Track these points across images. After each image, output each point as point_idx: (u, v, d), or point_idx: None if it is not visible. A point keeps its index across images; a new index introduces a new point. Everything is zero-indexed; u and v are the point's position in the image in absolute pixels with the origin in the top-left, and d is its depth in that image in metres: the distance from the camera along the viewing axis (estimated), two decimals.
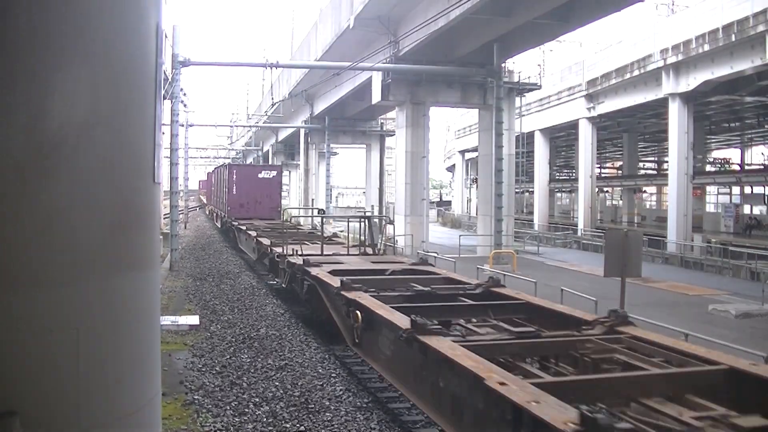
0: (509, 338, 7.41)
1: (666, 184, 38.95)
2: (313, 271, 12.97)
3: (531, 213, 56.84)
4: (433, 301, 9.95)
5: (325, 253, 16.83)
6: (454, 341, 6.90)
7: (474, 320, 8.85)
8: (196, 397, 9.59)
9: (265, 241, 20.63)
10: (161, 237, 11.73)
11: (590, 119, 43.61)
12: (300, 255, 15.88)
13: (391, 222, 25.42)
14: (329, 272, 12.49)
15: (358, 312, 9.46)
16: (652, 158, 73.26)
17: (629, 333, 7.22)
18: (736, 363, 6.14)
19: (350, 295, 10.01)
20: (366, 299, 9.61)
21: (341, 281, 10.67)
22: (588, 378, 6.28)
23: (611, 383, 5.90)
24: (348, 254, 17.34)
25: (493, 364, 6.04)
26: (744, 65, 28.62)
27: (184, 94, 31.94)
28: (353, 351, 11.01)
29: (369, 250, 17.81)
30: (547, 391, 5.15)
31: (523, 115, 36.40)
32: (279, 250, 17.40)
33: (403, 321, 7.68)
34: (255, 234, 23.75)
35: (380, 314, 8.55)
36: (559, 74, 47.15)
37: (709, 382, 5.89)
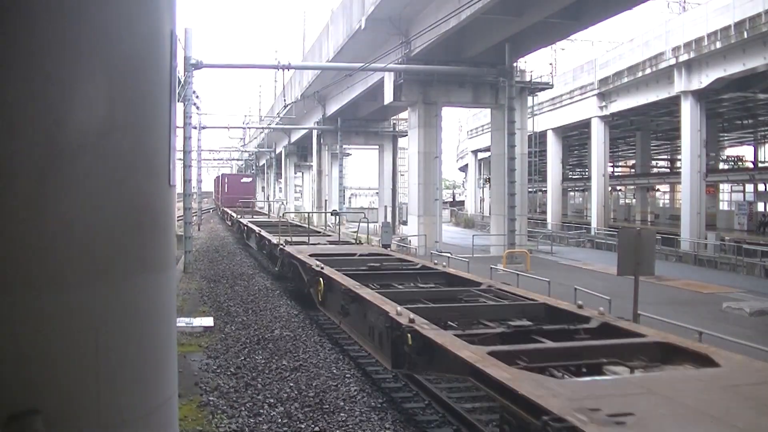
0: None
1: (679, 182, 38.81)
2: (299, 255, 16.04)
3: (544, 212, 56.77)
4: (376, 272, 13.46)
5: (310, 243, 19.99)
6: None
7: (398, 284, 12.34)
8: (211, 398, 9.65)
9: (266, 234, 23.60)
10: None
11: (603, 118, 43.47)
12: (291, 243, 19.04)
13: (404, 222, 25.83)
14: (309, 255, 15.78)
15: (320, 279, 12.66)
16: (665, 156, 72.94)
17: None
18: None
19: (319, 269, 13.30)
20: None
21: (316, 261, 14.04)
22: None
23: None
24: (328, 243, 20.71)
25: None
26: (756, 62, 28.49)
27: (197, 97, 32.10)
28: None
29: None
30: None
31: (536, 115, 36.41)
32: (275, 241, 20.04)
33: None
34: (258, 229, 26.41)
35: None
36: (571, 73, 47.03)
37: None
